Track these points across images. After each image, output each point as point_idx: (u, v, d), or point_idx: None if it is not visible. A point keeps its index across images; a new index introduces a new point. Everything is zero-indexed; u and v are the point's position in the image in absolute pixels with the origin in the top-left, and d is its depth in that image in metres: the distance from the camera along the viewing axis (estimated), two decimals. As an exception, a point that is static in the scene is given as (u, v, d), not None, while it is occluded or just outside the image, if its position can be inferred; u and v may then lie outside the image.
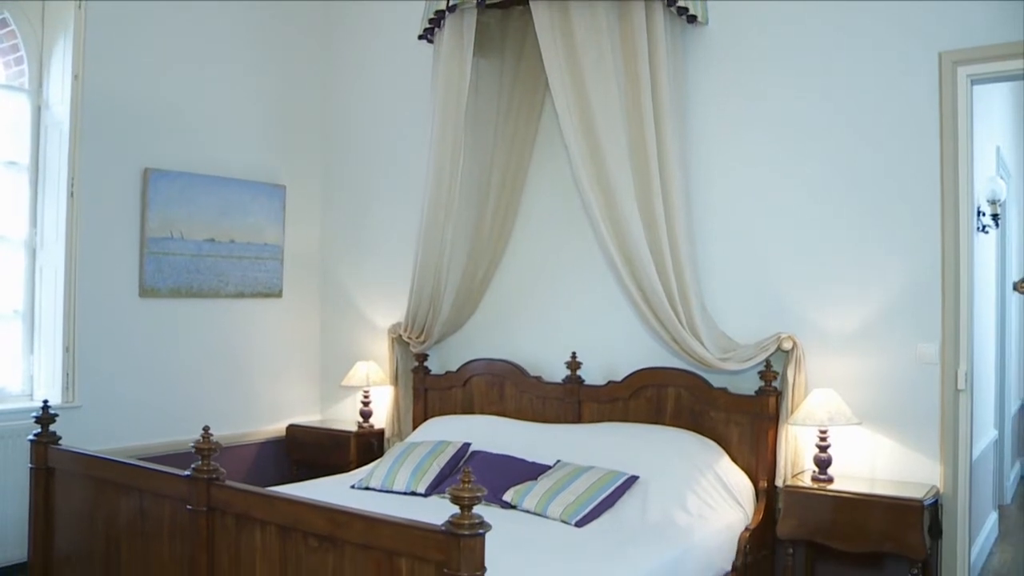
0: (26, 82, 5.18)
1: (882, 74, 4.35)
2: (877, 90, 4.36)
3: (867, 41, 4.39)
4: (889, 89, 4.34)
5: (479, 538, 2.52)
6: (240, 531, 3.19)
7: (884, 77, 4.35)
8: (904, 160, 4.30)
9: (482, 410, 5.44)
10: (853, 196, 4.42)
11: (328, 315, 6.47)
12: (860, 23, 4.40)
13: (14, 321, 5.15)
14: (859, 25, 4.41)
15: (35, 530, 4.09)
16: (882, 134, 4.35)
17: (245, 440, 5.96)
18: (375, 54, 6.23)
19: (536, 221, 5.46)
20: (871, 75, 4.38)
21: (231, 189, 5.85)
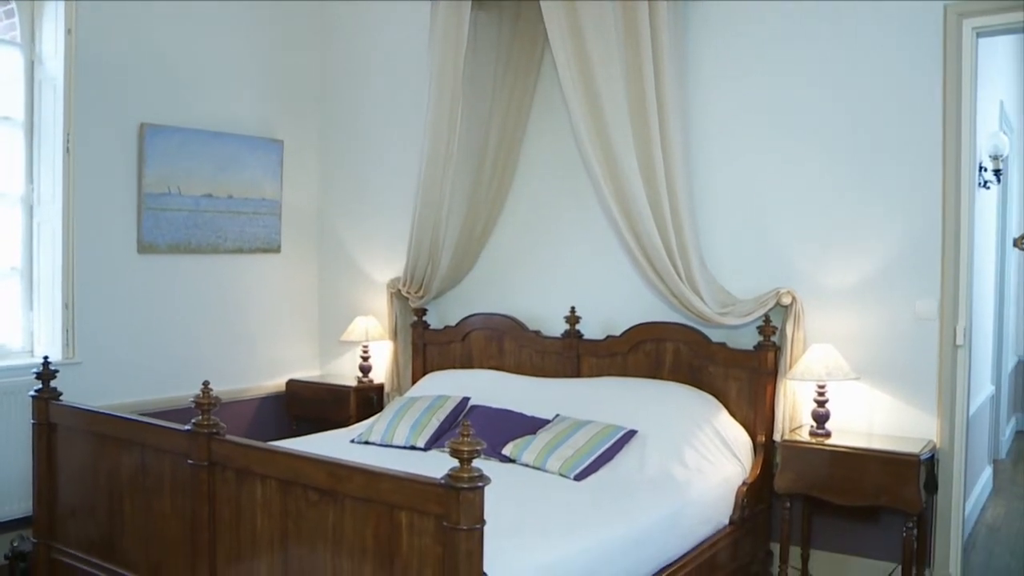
0: (18, 36, 5.11)
1: (886, 28, 4.31)
2: (881, 44, 4.33)
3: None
4: (893, 43, 4.30)
5: (478, 491, 2.54)
6: (241, 485, 3.21)
7: (888, 31, 4.31)
8: (906, 115, 4.28)
9: (481, 365, 5.46)
10: (854, 150, 4.41)
11: (327, 270, 6.47)
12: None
13: (13, 278, 5.14)
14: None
15: (39, 485, 4.11)
16: (885, 88, 4.32)
17: (245, 395, 5.98)
18: (373, 7, 6.16)
19: (535, 175, 5.44)
20: (875, 29, 4.34)
21: (228, 144, 5.81)
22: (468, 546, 2.55)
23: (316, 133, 6.46)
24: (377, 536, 2.78)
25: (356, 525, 2.84)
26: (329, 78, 6.42)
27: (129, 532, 3.71)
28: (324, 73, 6.44)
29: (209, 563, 3.32)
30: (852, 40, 4.39)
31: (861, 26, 4.37)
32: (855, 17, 4.38)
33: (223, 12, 5.82)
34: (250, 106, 6.01)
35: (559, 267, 5.33)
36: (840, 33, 4.42)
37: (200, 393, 3.31)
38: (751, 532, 4.38)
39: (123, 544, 3.74)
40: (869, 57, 4.35)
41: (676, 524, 3.78)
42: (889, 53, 4.31)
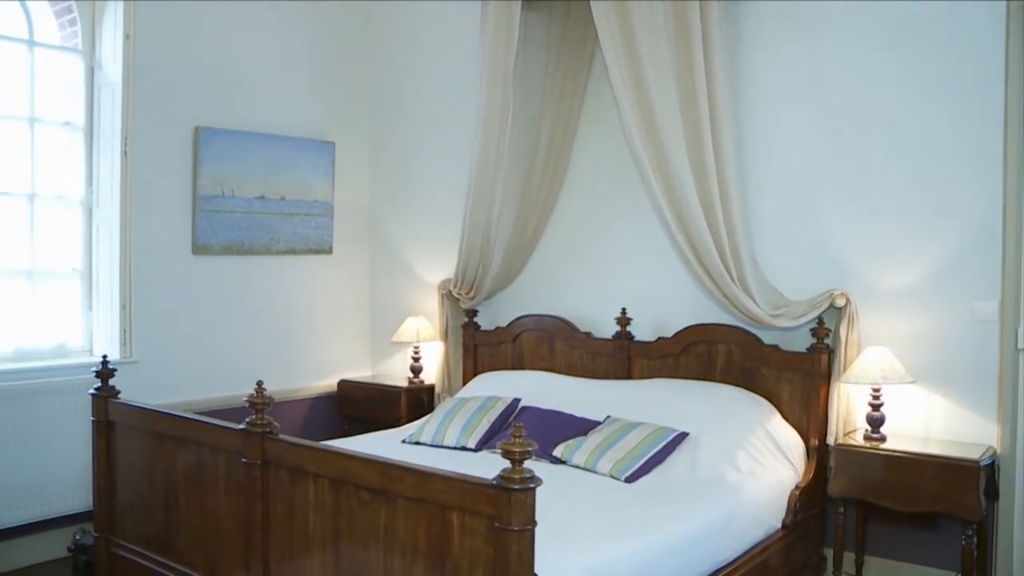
0: (79, 43, 5.22)
1: (945, 23, 4.22)
2: (938, 35, 4.23)
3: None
4: (951, 34, 4.20)
5: (529, 492, 2.53)
6: (294, 484, 3.24)
7: (946, 21, 4.21)
8: (965, 108, 4.18)
9: (532, 366, 5.45)
10: (910, 147, 4.32)
11: (378, 271, 6.51)
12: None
13: (73, 279, 5.25)
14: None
15: (98, 481, 4.19)
16: (943, 81, 4.23)
17: (297, 395, 6.04)
18: (423, 8, 6.19)
19: (586, 176, 5.42)
20: (933, 25, 4.25)
21: (281, 146, 5.87)
22: (519, 547, 2.54)
23: (367, 134, 6.50)
24: (428, 536, 2.79)
25: (408, 525, 2.85)
26: (379, 79, 6.46)
27: (185, 528, 3.77)
28: (374, 74, 6.48)
29: (263, 560, 3.35)
30: (909, 36, 4.31)
31: (918, 22, 4.28)
32: (912, 12, 4.29)
33: (275, 16, 5.89)
34: (302, 108, 6.07)
35: (610, 268, 5.30)
36: (896, 29, 4.34)
37: (254, 393, 3.35)
38: (804, 537, 4.33)
39: (179, 540, 3.80)
40: (927, 52, 4.26)
41: (728, 527, 3.74)
42: (948, 44, 4.21)
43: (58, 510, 4.86)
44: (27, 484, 4.74)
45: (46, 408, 4.80)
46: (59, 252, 5.19)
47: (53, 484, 4.83)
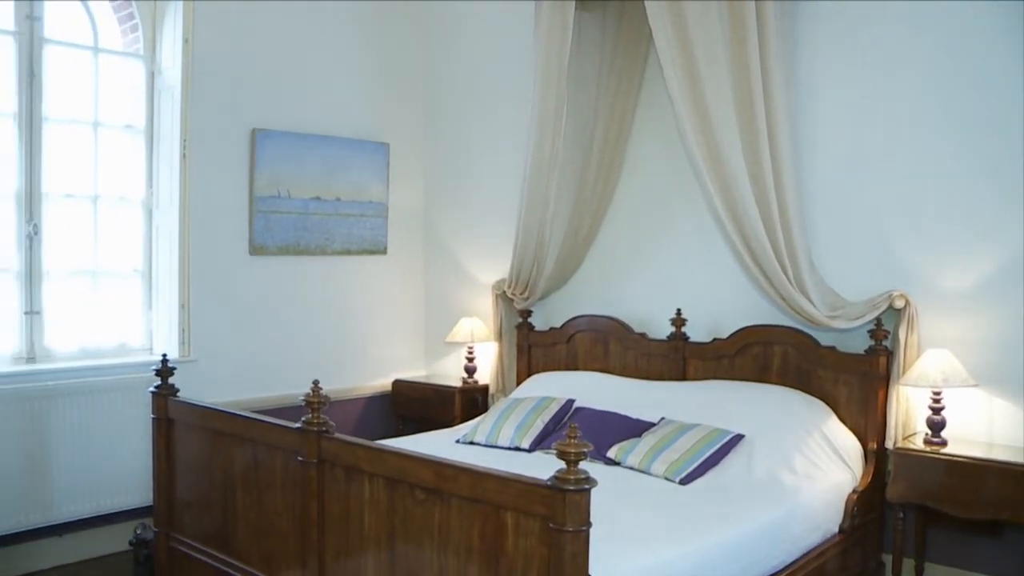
0: (141, 48, 5.32)
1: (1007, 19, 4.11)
2: (1001, 36, 4.12)
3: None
4: (1011, 29, 4.09)
5: (584, 493, 2.52)
6: (349, 482, 3.26)
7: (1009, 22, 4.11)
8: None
9: (586, 366, 5.44)
10: (970, 144, 4.22)
11: (432, 271, 6.54)
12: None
13: (135, 279, 5.35)
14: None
15: (158, 477, 4.26)
16: (1007, 76, 4.11)
17: (352, 395, 6.09)
18: (476, 8, 6.21)
19: (640, 176, 5.39)
20: (994, 21, 4.14)
21: (336, 147, 5.93)
22: (574, 548, 2.53)
23: (421, 135, 6.53)
24: (483, 536, 2.79)
25: (462, 524, 2.86)
26: (433, 80, 6.49)
27: (242, 525, 3.81)
28: (429, 75, 6.51)
29: (318, 558, 3.38)
30: (969, 33, 4.21)
31: (979, 17, 4.18)
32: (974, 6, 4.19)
33: (330, 18, 5.95)
34: (356, 110, 6.12)
35: (665, 268, 5.27)
36: (957, 26, 4.24)
37: (310, 392, 3.37)
38: (861, 542, 4.26)
39: (237, 537, 3.85)
40: (988, 49, 4.16)
41: (783, 531, 3.70)
42: (1008, 40, 4.10)
43: (120, 505, 4.97)
44: (90, 479, 4.85)
45: (108, 405, 4.91)
46: (121, 252, 5.29)
47: (115, 479, 4.93)
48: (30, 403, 4.65)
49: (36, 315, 4.90)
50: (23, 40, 4.83)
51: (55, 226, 4.99)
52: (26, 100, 4.84)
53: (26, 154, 4.85)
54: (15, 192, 4.84)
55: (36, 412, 4.67)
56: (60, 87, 4.99)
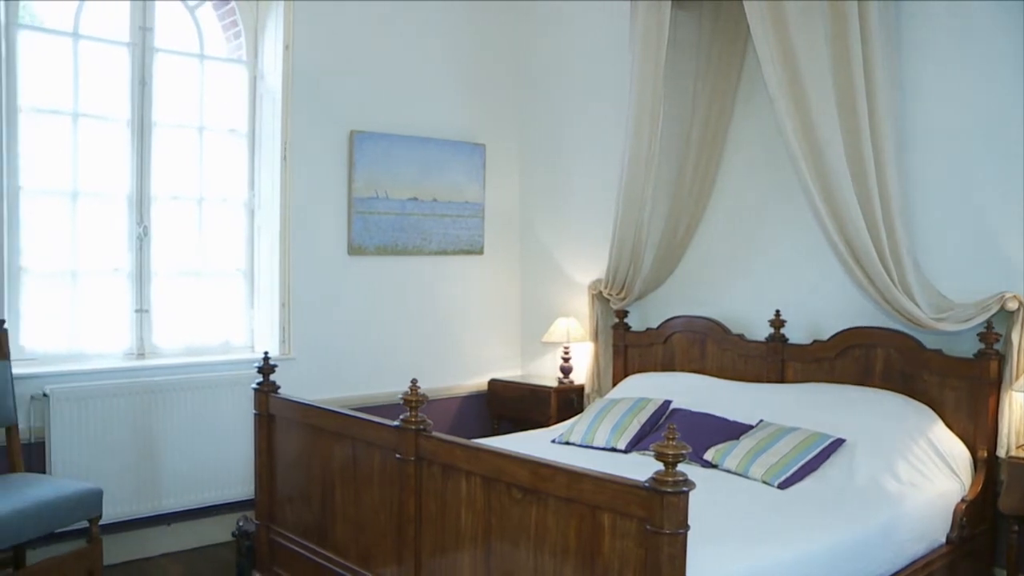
0: (243, 55, 5.47)
1: None
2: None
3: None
4: None
5: (683, 495, 2.49)
6: (446, 480, 3.29)
7: None
8: None
9: (682, 367, 5.38)
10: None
11: (528, 271, 6.55)
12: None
13: (238, 278, 5.49)
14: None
15: (259, 471, 4.36)
16: None
17: (448, 393, 6.14)
18: (571, 8, 6.20)
19: (739, 175, 5.31)
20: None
21: (432, 149, 5.99)
22: (671, 550, 2.50)
23: (517, 136, 6.55)
24: (579, 536, 2.78)
25: (558, 524, 2.85)
26: (529, 81, 6.50)
27: (340, 520, 3.87)
28: (524, 76, 6.52)
29: (415, 554, 3.41)
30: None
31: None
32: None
33: (426, 21, 6.01)
34: (453, 111, 6.17)
35: (763, 269, 5.18)
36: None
37: (408, 390, 3.40)
38: (971, 554, 4.10)
39: (335, 531, 3.91)
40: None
41: (887, 539, 3.59)
42: None
43: (223, 497, 5.11)
44: (196, 471, 5.00)
45: (212, 401, 5.05)
46: (225, 253, 5.44)
47: (219, 472, 5.08)
48: (140, 397, 4.82)
49: (145, 313, 5.08)
50: (135, 50, 5.02)
51: (163, 227, 5.16)
52: (137, 107, 5.03)
53: (137, 158, 5.04)
54: (127, 195, 5.03)
55: (146, 406, 4.83)
56: (168, 93, 5.16)
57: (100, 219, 4.99)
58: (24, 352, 4.67)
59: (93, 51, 4.93)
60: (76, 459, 4.61)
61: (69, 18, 4.84)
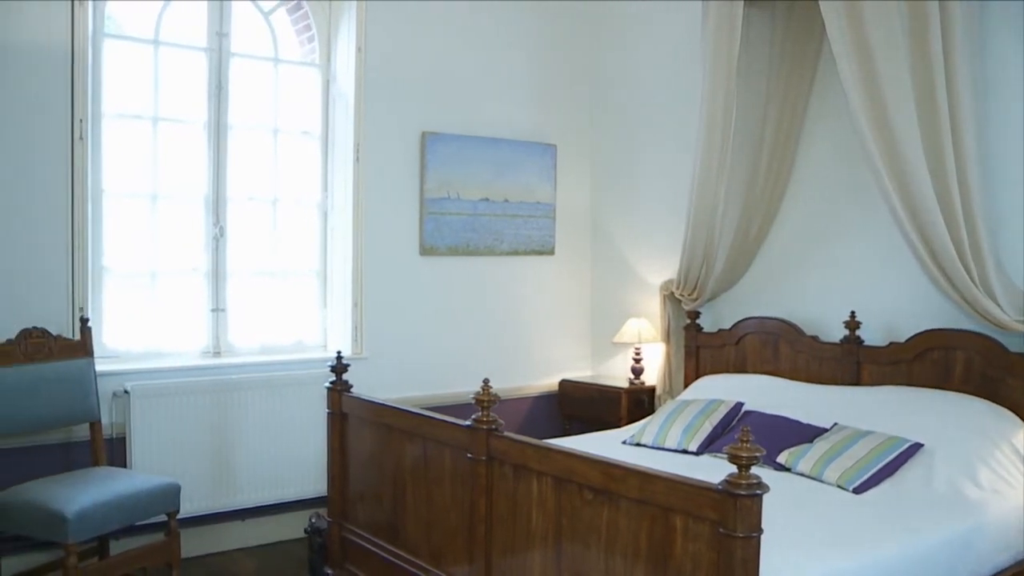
0: (316, 58, 5.54)
1: None
2: None
3: None
4: None
5: (756, 498, 2.45)
6: (517, 480, 3.29)
7: None
8: None
9: (755, 369, 5.31)
10: None
11: (599, 272, 6.53)
12: None
13: (311, 278, 5.57)
14: None
15: (332, 469, 4.40)
16: None
17: (519, 393, 6.15)
18: (642, 7, 6.16)
19: (813, 173, 5.22)
20: None
21: (503, 149, 6.01)
22: (744, 554, 2.47)
23: (588, 136, 6.54)
24: (651, 538, 2.76)
25: (630, 526, 2.83)
26: (599, 81, 6.48)
27: (411, 519, 3.90)
28: (595, 76, 6.50)
29: (485, 554, 3.42)
30: None
31: None
32: None
33: (496, 22, 6.03)
34: (524, 111, 6.17)
35: (838, 269, 5.08)
36: None
37: (481, 390, 3.41)
38: (1059, 564, 3.98)
39: (406, 530, 3.94)
40: None
41: (967, 548, 3.49)
42: None
43: (296, 494, 5.19)
44: (270, 468, 5.09)
45: (286, 399, 5.13)
46: (299, 253, 5.52)
47: (292, 469, 5.16)
48: (216, 395, 4.92)
49: (221, 312, 5.18)
50: (213, 55, 5.12)
51: (238, 228, 5.26)
52: (214, 110, 5.13)
53: (214, 161, 5.14)
54: (204, 196, 5.13)
55: (222, 404, 4.93)
56: (244, 96, 5.26)
57: (178, 220, 5.11)
58: (106, 350, 4.79)
59: (172, 57, 5.05)
60: (155, 454, 4.73)
61: (150, 26, 4.96)
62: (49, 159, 4.52)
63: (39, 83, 4.49)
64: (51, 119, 4.53)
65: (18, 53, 4.42)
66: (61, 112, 4.55)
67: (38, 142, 4.49)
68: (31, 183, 4.48)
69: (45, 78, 4.50)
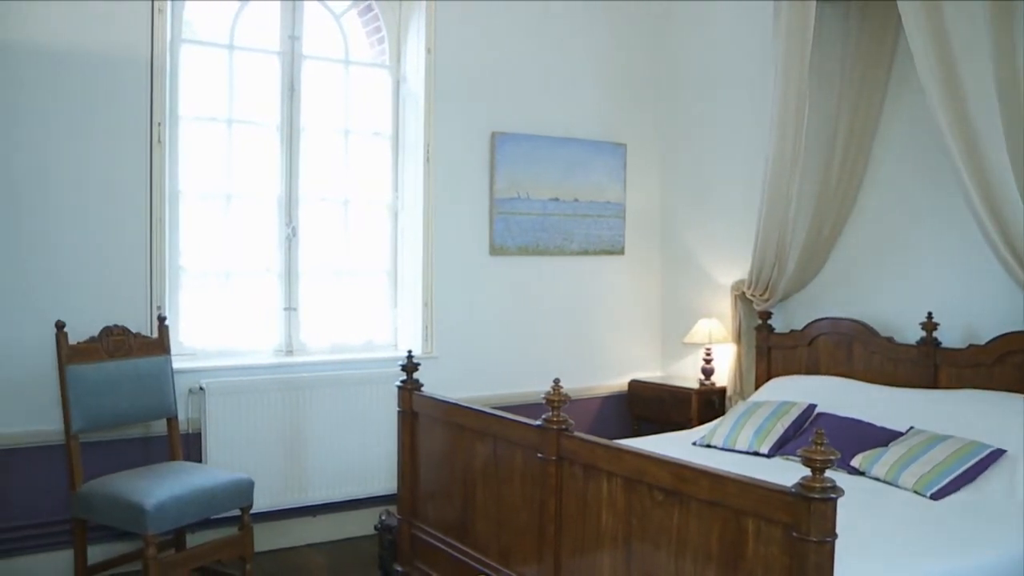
0: (387, 59, 5.60)
1: None
2: None
3: None
4: None
5: (831, 502, 2.41)
6: (587, 481, 3.28)
7: None
8: None
9: (828, 371, 5.22)
10: None
11: (669, 272, 6.49)
12: None
13: (382, 278, 5.63)
14: None
15: (402, 467, 4.44)
16: None
17: (588, 393, 6.13)
18: (712, 7, 6.10)
19: (888, 171, 5.11)
20: None
21: (573, 149, 6.00)
22: (818, 559, 2.43)
23: (657, 135, 6.49)
24: (722, 541, 2.74)
25: (701, 528, 2.81)
26: (669, 80, 6.43)
27: (481, 517, 3.91)
28: (664, 75, 6.46)
29: (554, 553, 3.41)
30: None
31: None
32: None
33: (566, 22, 6.01)
34: (593, 111, 6.16)
35: (914, 269, 4.97)
36: None
37: (551, 390, 3.41)
38: None
39: (475, 528, 3.95)
40: None
41: (1055, 559, 3.39)
42: None
43: (366, 491, 5.24)
44: (340, 465, 5.15)
45: (356, 397, 5.19)
46: (369, 253, 5.58)
47: (362, 467, 5.21)
48: (288, 393, 4.99)
49: (293, 311, 5.26)
50: (285, 58, 5.21)
51: (310, 228, 5.33)
52: (287, 112, 5.21)
53: (286, 162, 5.22)
54: (277, 197, 5.22)
55: (293, 401, 5.00)
56: (315, 98, 5.33)
57: (252, 220, 5.20)
58: (182, 347, 4.90)
59: (246, 60, 5.15)
60: (229, 450, 4.82)
61: (225, 31, 5.06)
62: (129, 162, 4.65)
63: (121, 88, 4.62)
64: (131, 123, 4.66)
65: (101, 60, 4.56)
66: (141, 116, 4.67)
67: (119, 146, 4.63)
68: (113, 185, 4.61)
69: (126, 84, 4.63)
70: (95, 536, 4.35)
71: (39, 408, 4.42)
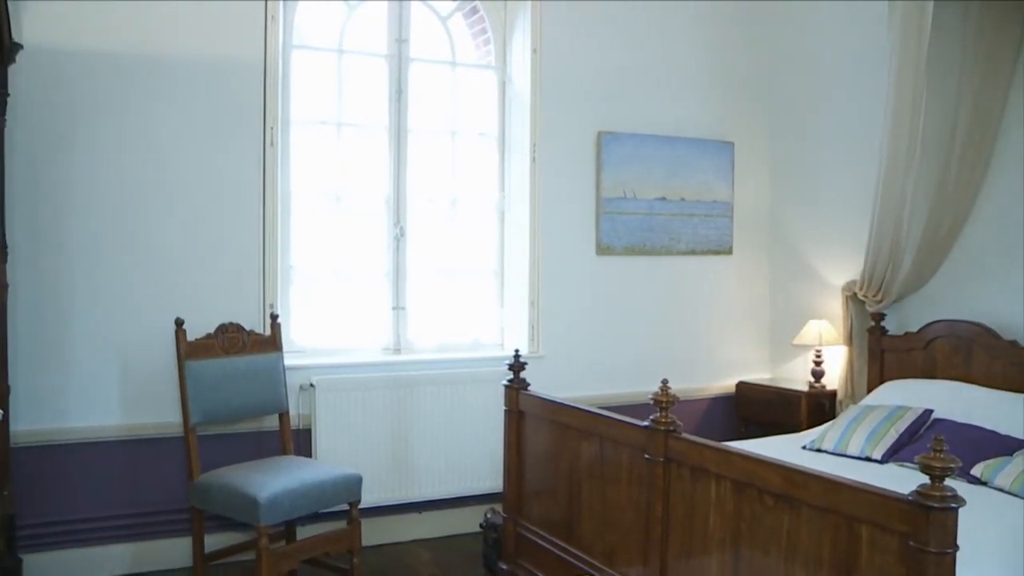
0: (492, 60, 5.64)
1: None
2: None
3: None
4: None
5: (951, 513, 2.33)
6: (695, 483, 3.25)
7: None
8: None
9: (945, 375, 5.04)
10: None
11: (778, 272, 6.36)
12: None
13: (489, 278, 5.67)
14: None
15: (509, 466, 4.47)
16: None
17: (695, 394, 6.07)
18: (822, 5, 5.95)
19: (1012, 169, 4.90)
20: None
21: (679, 148, 5.94)
22: (937, 571, 2.35)
23: (766, 133, 6.37)
24: (834, 548, 2.67)
25: (812, 534, 2.75)
26: (778, 77, 6.31)
27: (586, 517, 3.91)
28: (773, 72, 6.33)
29: (660, 555, 3.39)
30: None
31: None
32: None
33: (671, 20, 5.96)
34: (700, 109, 6.08)
35: (1040, 270, 4.77)
36: None
37: (659, 391, 3.39)
38: None
39: (580, 528, 3.95)
40: None
41: None
42: None
43: (471, 489, 5.29)
44: (446, 463, 5.21)
45: (463, 396, 5.24)
46: (476, 253, 5.63)
47: (467, 465, 5.26)
48: (396, 391, 5.07)
49: (401, 310, 5.34)
50: (392, 61, 5.30)
51: (418, 228, 5.41)
52: (395, 114, 5.30)
53: (394, 163, 5.31)
54: (385, 198, 5.30)
55: (401, 399, 5.08)
56: (422, 100, 5.41)
57: (361, 221, 5.30)
58: (293, 345, 5.03)
59: (355, 64, 5.25)
60: (338, 446, 4.92)
61: (334, 36, 5.17)
62: (244, 165, 4.81)
63: (236, 94, 4.79)
64: (246, 127, 4.81)
65: (219, 68, 4.74)
66: (254, 120, 4.82)
67: (234, 149, 4.79)
68: (228, 187, 4.78)
69: (241, 89, 4.80)
70: (211, 525, 4.51)
71: (163, 401, 4.64)
